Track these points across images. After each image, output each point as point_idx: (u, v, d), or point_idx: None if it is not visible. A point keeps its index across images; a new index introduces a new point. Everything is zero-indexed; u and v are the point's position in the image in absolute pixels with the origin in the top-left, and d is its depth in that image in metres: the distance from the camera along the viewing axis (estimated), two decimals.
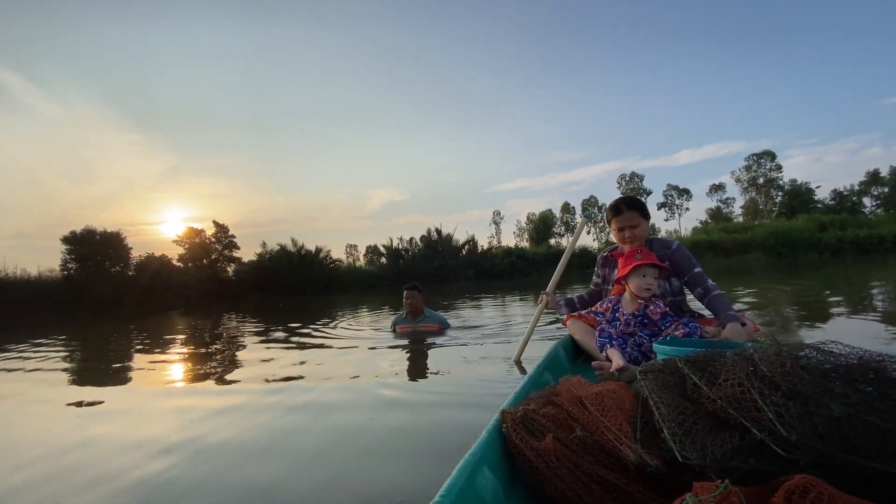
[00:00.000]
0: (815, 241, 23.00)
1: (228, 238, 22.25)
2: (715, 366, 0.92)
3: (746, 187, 48.92)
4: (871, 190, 41.74)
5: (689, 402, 0.91)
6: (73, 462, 1.62)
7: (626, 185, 54.44)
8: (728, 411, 0.84)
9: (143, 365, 3.80)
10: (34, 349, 5.24)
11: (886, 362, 0.92)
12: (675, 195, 54.27)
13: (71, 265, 17.68)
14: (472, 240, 24.70)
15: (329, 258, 22.31)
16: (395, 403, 2.08)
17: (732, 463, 0.79)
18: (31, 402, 2.72)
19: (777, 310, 4.72)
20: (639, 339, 1.87)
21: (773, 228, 24.93)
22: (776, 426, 0.79)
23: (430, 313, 4.29)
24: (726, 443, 0.82)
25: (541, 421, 0.94)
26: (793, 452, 0.77)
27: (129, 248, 18.93)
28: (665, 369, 0.99)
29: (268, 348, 4.24)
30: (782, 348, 0.93)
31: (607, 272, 2.39)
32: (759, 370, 0.89)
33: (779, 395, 0.83)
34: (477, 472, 0.84)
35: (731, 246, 24.13)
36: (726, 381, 0.87)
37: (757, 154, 48.41)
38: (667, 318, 1.89)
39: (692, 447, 0.82)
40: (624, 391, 1.03)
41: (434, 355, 3.26)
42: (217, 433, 1.81)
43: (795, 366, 0.89)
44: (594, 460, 0.86)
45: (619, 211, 2.13)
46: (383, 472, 1.33)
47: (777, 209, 42.93)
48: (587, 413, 0.94)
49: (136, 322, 9.03)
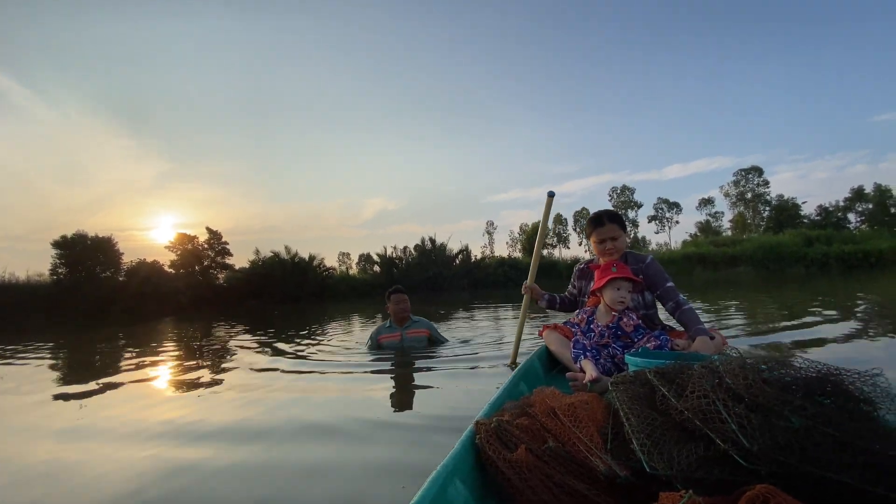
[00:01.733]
0: (801, 256, 23.45)
1: (221, 245, 22.19)
2: (683, 378, 0.97)
3: (735, 202, 49.77)
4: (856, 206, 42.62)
5: (657, 413, 0.94)
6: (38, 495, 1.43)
7: (618, 198, 55.09)
8: (694, 422, 0.87)
9: (122, 379, 3.43)
10: (17, 357, 5.17)
11: (843, 376, 0.96)
12: (666, 208, 55.00)
13: (61, 270, 17.54)
14: (466, 249, 24.83)
15: (323, 266, 22.33)
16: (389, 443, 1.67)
17: (697, 473, 0.82)
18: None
19: (765, 321, 4.85)
20: (612, 350, 1.92)
21: (760, 243, 25.38)
22: (739, 437, 0.82)
23: (416, 318, 3.95)
24: (692, 453, 0.84)
25: (514, 432, 0.95)
26: (754, 462, 0.80)
27: (121, 253, 18.85)
28: (636, 381, 1.03)
29: (244, 370, 3.43)
30: (746, 361, 0.98)
31: (584, 284, 2.45)
32: (724, 382, 0.93)
33: (742, 406, 0.87)
34: (448, 484, 0.83)
35: (720, 259, 24.52)
36: (693, 392, 0.91)
37: (745, 169, 49.40)
38: (639, 330, 1.94)
39: (660, 458, 0.85)
40: (596, 402, 1.06)
41: (428, 374, 2.83)
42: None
43: (758, 379, 0.93)
44: (565, 471, 0.86)
45: (601, 223, 2.20)
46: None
47: (764, 224, 43.71)
48: (560, 424, 0.96)
49: (125, 329, 8.92)
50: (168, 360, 4.38)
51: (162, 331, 7.99)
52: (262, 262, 21.38)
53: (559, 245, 51.64)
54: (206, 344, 5.61)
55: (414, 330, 3.86)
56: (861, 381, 0.94)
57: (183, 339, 6.34)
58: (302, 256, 21.78)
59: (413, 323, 3.90)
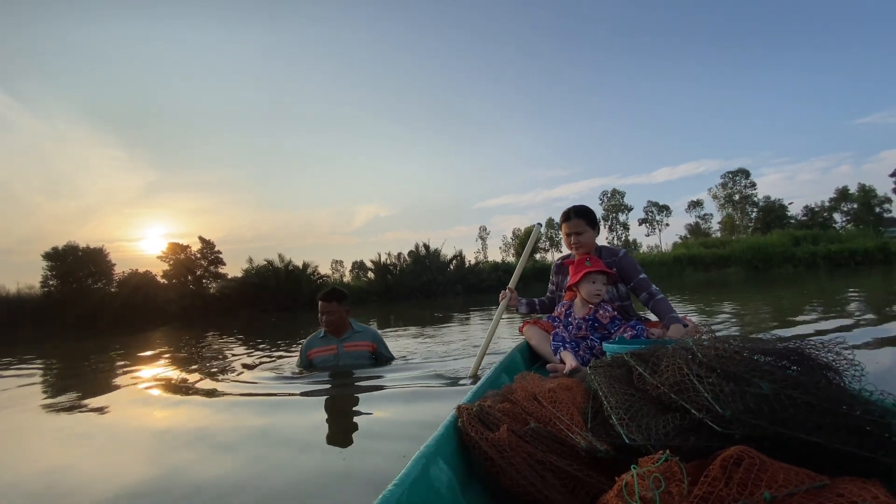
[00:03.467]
0: (789, 256, 23.88)
1: (214, 254, 22.15)
2: (658, 356, 1.01)
3: (723, 203, 50.56)
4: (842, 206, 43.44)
5: (634, 391, 0.98)
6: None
7: (609, 202, 55.66)
8: (670, 395, 0.92)
9: (106, 391, 3.31)
10: (10, 368, 5.13)
11: (808, 347, 1.01)
12: (656, 211, 55.70)
13: (52, 281, 17.40)
14: (460, 255, 24.95)
15: (317, 273, 22.32)
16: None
17: (675, 441, 0.85)
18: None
19: (755, 317, 4.95)
20: (590, 342, 1.97)
21: (749, 243, 25.81)
22: (712, 404, 0.86)
23: (359, 328, 3.16)
24: (668, 424, 0.88)
25: (496, 415, 0.96)
26: (728, 427, 0.84)
27: (113, 264, 18.79)
28: (613, 364, 1.07)
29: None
30: (717, 338, 1.04)
31: (560, 279, 2.51)
32: (696, 357, 0.98)
33: (714, 376, 0.91)
34: (432, 464, 0.84)
35: (710, 260, 24.90)
36: (667, 368, 0.96)
37: (732, 172, 50.30)
38: (615, 321, 2.00)
39: (638, 430, 0.88)
40: (576, 386, 1.08)
41: (370, 399, 2.25)
42: None
43: (729, 350, 0.98)
44: (547, 449, 0.87)
45: (568, 217, 2.32)
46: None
47: (752, 225, 44.38)
48: (541, 407, 0.97)
49: (118, 340, 8.79)
50: (154, 382, 3.36)
51: (154, 343, 7.73)
52: (256, 270, 21.33)
53: (551, 249, 51.93)
54: (189, 359, 4.46)
55: (354, 342, 3.05)
56: (825, 349, 0.98)
57: (171, 353, 5.72)
58: (296, 265, 21.77)
59: (354, 333, 3.09)
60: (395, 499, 0.71)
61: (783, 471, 0.72)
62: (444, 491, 0.83)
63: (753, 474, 0.72)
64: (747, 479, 0.72)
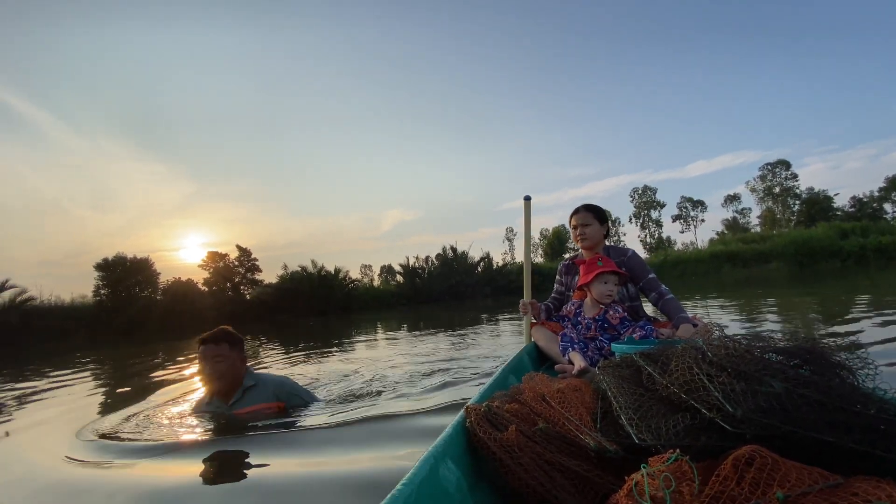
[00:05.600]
0: (836, 250, 22.62)
1: (251, 261, 22.98)
2: (667, 356, 1.00)
3: (762, 197, 48.43)
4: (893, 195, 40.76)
5: (644, 391, 0.97)
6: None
7: (640, 199, 54.25)
8: (679, 395, 0.91)
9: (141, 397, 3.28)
10: (63, 375, 5.45)
11: (821, 347, 1.00)
12: (690, 207, 53.86)
13: (103, 291, 18.49)
14: (488, 257, 24.92)
15: (348, 278, 22.78)
16: None
17: (685, 441, 0.84)
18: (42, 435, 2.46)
19: (801, 318, 4.68)
20: (599, 343, 1.95)
21: (792, 238, 24.64)
22: (723, 404, 0.85)
23: (258, 379, 2.20)
24: (679, 423, 0.87)
25: (504, 416, 0.96)
26: (739, 427, 0.83)
27: (158, 273, 19.80)
28: (622, 364, 1.07)
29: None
30: (727, 337, 1.03)
31: (569, 279, 2.50)
32: (706, 356, 0.97)
33: (724, 375, 0.89)
34: (440, 464, 0.84)
35: (749, 256, 23.92)
36: (677, 367, 0.95)
37: (771, 163, 48.11)
38: (625, 322, 1.98)
39: (648, 430, 0.88)
40: (585, 387, 1.08)
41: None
42: None
43: (739, 349, 0.97)
44: (556, 450, 0.87)
45: (577, 211, 2.40)
46: None
47: (795, 218, 42.27)
48: (550, 408, 0.97)
49: (162, 346, 9.23)
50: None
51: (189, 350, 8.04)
52: (290, 276, 21.97)
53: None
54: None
55: (249, 408, 2.12)
56: (838, 350, 0.96)
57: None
58: (328, 270, 22.30)
59: (247, 391, 2.15)
60: (404, 498, 0.71)
61: (796, 470, 0.72)
62: (452, 491, 0.82)
63: (766, 474, 0.72)
64: (759, 479, 0.71)
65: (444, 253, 24.44)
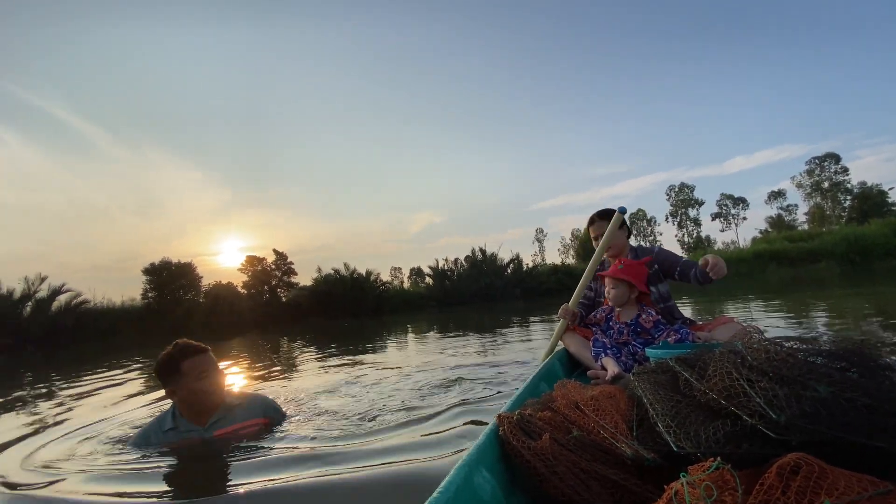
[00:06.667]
0: (893, 247, 21.16)
1: (287, 265, 23.70)
2: (704, 361, 0.98)
3: (810, 193, 45.93)
4: None
5: (681, 397, 0.95)
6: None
7: (676, 197, 52.52)
8: (719, 401, 0.89)
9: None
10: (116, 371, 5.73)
11: (866, 348, 0.96)
12: (730, 205, 51.75)
13: (150, 294, 19.51)
14: (517, 258, 24.70)
15: (379, 280, 23.11)
16: None
17: (726, 448, 0.82)
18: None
19: (853, 319, 4.38)
20: (633, 348, 1.91)
21: (843, 235, 23.20)
22: (765, 410, 0.82)
23: (240, 397, 1.96)
24: (719, 430, 0.85)
25: (538, 424, 0.95)
26: (783, 434, 0.81)
27: (200, 277, 20.73)
28: (657, 369, 1.05)
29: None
30: (767, 339, 1.00)
31: (598, 285, 2.45)
32: (746, 361, 0.94)
33: (766, 380, 0.88)
34: (475, 473, 0.84)
35: (796, 255, 22.71)
36: (715, 373, 0.93)
37: (819, 157, 45.56)
38: (659, 326, 1.94)
39: (686, 438, 0.85)
40: (619, 394, 1.06)
41: None
42: None
43: (781, 353, 0.94)
44: (591, 458, 0.86)
45: (592, 221, 2.40)
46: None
47: (846, 214, 39.80)
48: (583, 415, 0.96)
49: (209, 345, 9.64)
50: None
51: (249, 348, 8.34)
52: (324, 279, 22.50)
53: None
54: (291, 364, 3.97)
55: (231, 427, 1.83)
56: (884, 350, 0.96)
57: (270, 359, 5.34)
58: (360, 272, 22.69)
59: (230, 411, 1.85)
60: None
61: (844, 477, 0.70)
62: (487, 499, 0.82)
63: (812, 482, 0.69)
64: (806, 487, 0.69)
65: (473, 255, 24.40)
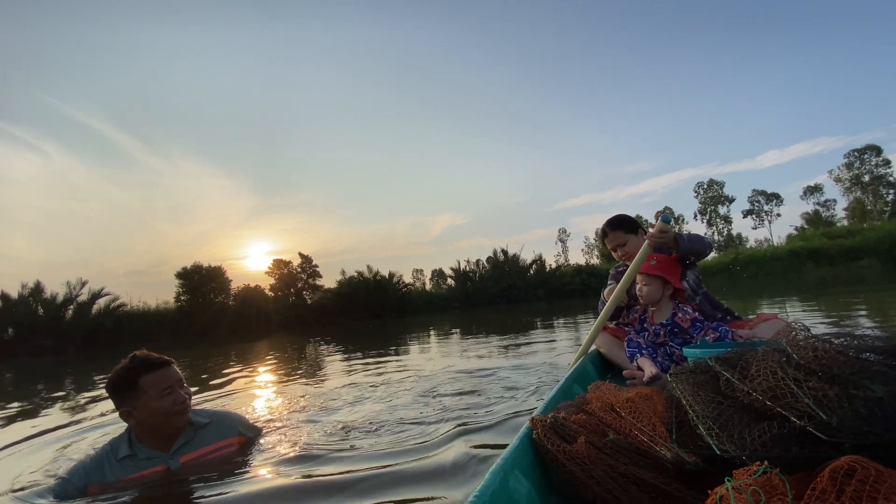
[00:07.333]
0: None
1: (312, 268, 24.18)
2: (746, 360, 0.94)
3: (849, 187, 43.83)
4: None
5: (722, 398, 0.92)
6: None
7: (705, 194, 50.99)
8: (764, 402, 0.85)
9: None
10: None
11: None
12: (763, 201, 49.88)
13: (183, 297, 20.21)
14: (540, 259, 24.48)
15: (401, 282, 23.29)
16: None
17: (773, 452, 0.79)
18: None
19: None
20: (669, 348, 1.83)
21: (887, 231, 22.01)
22: (815, 411, 0.79)
23: (205, 414, 1.66)
24: (765, 433, 0.82)
25: (572, 427, 0.93)
26: (835, 436, 0.77)
27: (230, 280, 21.36)
28: (696, 370, 1.01)
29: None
30: (814, 337, 0.95)
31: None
32: (791, 359, 0.90)
33: (815, 380, 0.84)
34: (510, 476, 0.83)
35: (836, 253, 21.73)
36: (758, 372, 0.89)
37: (859, 150, 43.41)
38: (696, 324, 1.85)
39: (730, 440, 0.82)
40: (656, 395, 1.02)
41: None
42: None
43: (830, 350, 0.90)
44: (629, 462, 0.84)
45: (605, 234, 2.28)
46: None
47: (889, 209, 37.77)
48: (619, 418, 0.93)
49: (234, 348, 9.77)
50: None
51: (277, 348, 8.55)
52: (348, 281, 22.83)
53: None
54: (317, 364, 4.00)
55: (199, 450, 1.59)
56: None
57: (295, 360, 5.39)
58: (382, 275, 22.92)
59: (198, 433, 1.60)
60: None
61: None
62: (523, 503, 0.82)
63: (868, 486, 0.66)
64: (862, 492, 0.66)
65: (496, 256, 24.32)
